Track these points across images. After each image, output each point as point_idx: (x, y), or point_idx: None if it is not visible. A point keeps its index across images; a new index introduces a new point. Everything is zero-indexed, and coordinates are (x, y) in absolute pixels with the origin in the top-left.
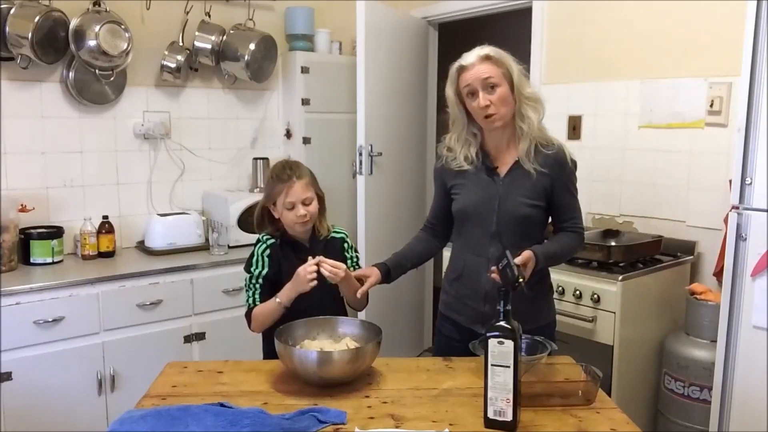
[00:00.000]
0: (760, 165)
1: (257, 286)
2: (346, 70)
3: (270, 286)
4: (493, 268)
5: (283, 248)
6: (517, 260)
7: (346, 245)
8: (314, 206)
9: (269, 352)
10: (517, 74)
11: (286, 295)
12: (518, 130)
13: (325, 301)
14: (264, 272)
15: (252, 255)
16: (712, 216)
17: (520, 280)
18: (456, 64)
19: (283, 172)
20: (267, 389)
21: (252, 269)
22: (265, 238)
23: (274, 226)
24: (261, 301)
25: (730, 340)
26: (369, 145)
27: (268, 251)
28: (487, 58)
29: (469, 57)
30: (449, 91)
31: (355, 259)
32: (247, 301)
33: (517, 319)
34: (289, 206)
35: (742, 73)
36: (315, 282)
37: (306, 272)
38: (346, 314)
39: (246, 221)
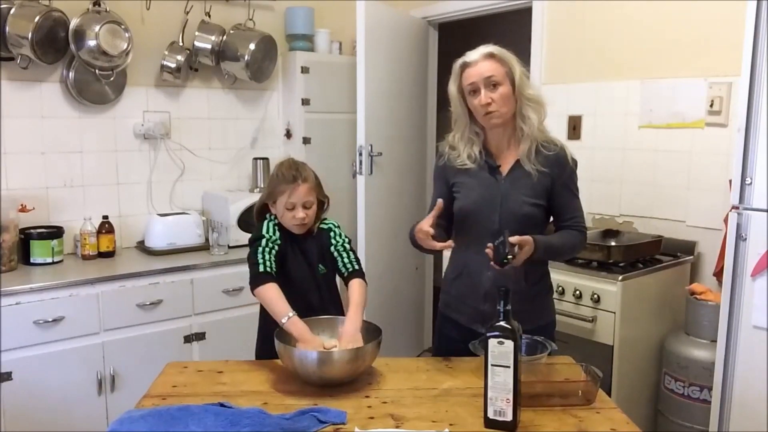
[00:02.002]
0: (760, 165)
1: (271, 246)
2: (346, 70)
3: (280, 256)
4: (489, 244)
5: (285, 234)
6: (513, 239)
7: (332, 234)
8: (313, 210)
9: (264, 351)
10: (519, 74)
11: (292, 335)
12: (519, 131)
13: (325, 301)
14: (275, 238)
15: (261, 228)
16: (712, 216)
17: (509, 257)
18: (459, 61)
19: (289, 173)
20: (267, 389)
21: (264, 234)
22: (272, 216)
23: None
24: (273, 267)
25: (730, 340)
26: (369, 145)
27: (277, 227)
28: (490, 56)
29: (473, 54)
30: (452, 87)
31: (339, 243)
32: (257, 262)
33: (517, 319)
34: (289, 206)
35: (742, 73)
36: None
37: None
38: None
39: (246, 221)
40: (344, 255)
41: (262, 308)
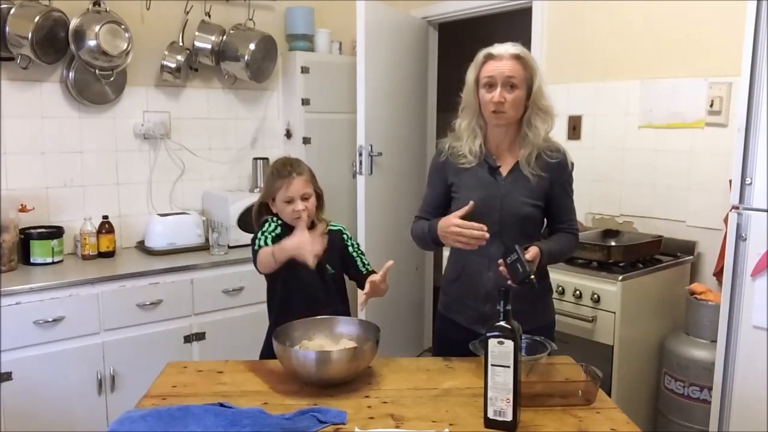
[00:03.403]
0: (760, 165)
1: (269, 235)
2: (346, 70)
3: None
4: (500, 261)
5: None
6: (529, 255)
7: (345, 236)
8: (312, 202)
9: (269, 351)
10: (538, 83)
11: (280, 248)
12: (522, 136)
13: (334, 298)
14: (273, 228)
15: (261, 227)
16: (712, 216)
17: (532, 276)
18: (485, 51)
19: (284, 168)
20: (267, 389)
21: (264, 228)
22: (273, 218)
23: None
24: (268, 244)
25: (730, 340)
26: (369, 145)
27: (278, 228)
28: (517, 57)
29: (500, 48)
30: (470, 75)
31: (356, 246)
32: (254, 247)
33: (517, 319)
34: (288, 200)
35: (742, 73)
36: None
37: (307, 247)
38: (348, 312)
39: (246, 221)
40: (363, 257)
41: (270, 308)
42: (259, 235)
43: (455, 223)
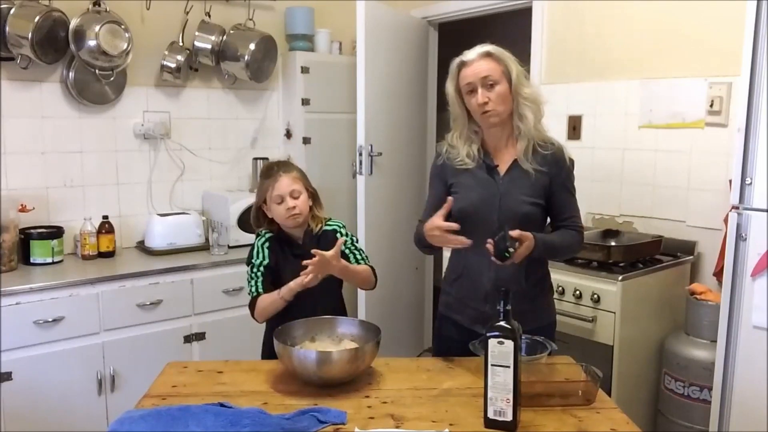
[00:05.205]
0: (760, 165)
1: (258, 275)
2: (346, 70)
3: (271, 276)
4: (489, 240)
5: (280, 244)
6: (514, 233)
7: (338, 235)
8: (303, 200)
9: (269, 350)
10: (516, 73)
11: (288, 289)
12: (516, 130)
13: (326, 301)
14: (265, 263)
15: (253, 247)
16: (712, 216)
17: (510, 250)
18: (457, 60)
19: (270, 169)
20: (267, 389)
21: (253, 260)
22: (264, 232)
23: (270, 226)
24: (264, 290)
25: (730, 340)
26: (369, 145)
27: (267, 243)
28: (487, 55)
29: (470, 54)
30: (450, 87)
31: (348, 243)
32: (250, 291)
33: (518, 319)
34: (277, 200)
35: (742, 73)
36: (314, 279)
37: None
38: (346, 314)
39: (246, 221)
40: (356, 252)
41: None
42: (249, 276)
43: (437, 225)
